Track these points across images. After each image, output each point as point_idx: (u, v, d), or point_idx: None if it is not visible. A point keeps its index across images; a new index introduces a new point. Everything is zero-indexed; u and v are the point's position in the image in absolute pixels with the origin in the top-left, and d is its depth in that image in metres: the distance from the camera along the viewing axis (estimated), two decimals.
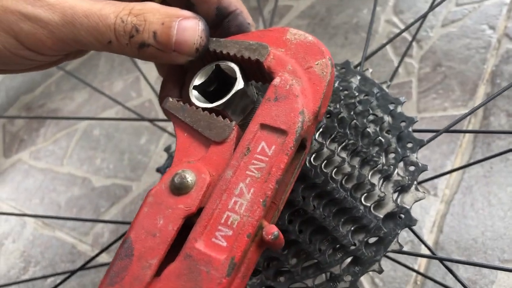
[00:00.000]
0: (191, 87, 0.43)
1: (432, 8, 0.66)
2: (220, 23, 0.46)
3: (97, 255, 0.68)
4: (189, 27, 0.39)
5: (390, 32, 0.93)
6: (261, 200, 0.36)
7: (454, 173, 0.75)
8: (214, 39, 0.44)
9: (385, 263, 0.70)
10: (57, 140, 1.07)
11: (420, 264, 0.69)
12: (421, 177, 0.70)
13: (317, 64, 0.41)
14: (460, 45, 0.87)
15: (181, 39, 0.39)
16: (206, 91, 0.44)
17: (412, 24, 0.67)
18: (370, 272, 0.70)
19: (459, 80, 0.83)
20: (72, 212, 0.93)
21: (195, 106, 0.42)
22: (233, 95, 0.41)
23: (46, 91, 1.16)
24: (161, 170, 0.64)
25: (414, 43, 0.90)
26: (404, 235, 0.71)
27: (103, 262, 0.82)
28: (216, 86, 0.44)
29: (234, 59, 0.43)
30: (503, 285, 0.64)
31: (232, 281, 0.34)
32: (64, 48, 0.39)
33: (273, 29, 0.44)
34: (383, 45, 0.64)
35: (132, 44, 0.39)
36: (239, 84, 0.41)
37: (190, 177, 0.38)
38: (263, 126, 0.38)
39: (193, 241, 0.35)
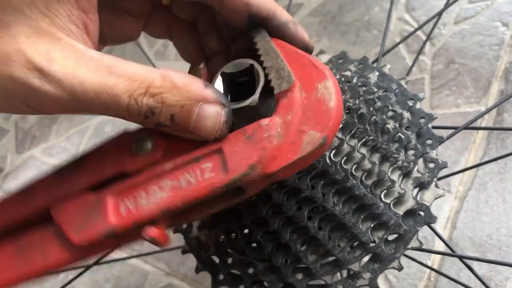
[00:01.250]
0: (218, 73, 0.43)
1: (447, 5, 0.65)
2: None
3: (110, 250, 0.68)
4: (211, 116, 0.37)
5: (402, 30, 0.93)
6: (164, 208, 0.37)
7: (468, 170, 0.75)
8: (263, 31, 0.43)
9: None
10: (69, 137, 1.07)
11: (434, 260, 0.69)
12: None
13: (310, 134, 0.37)
14: (473, 42, 0.87)
15: (200, 126, 0.37)
16: (228, 84, 0.44)
17: (426, 22, 0.67)
18: None
19: (472, 77, 0.83)
20: None
21: None
22: (243, 106, 0.40)
23: None
24: None
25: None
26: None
27: (116, 258, 0.82)
28: (233, 88, 0.44)
29: (260, 67, 0.42)
30: None
31: (105, 242, 0.38)
32: (74, 112, 0.37)
33: (320, 67, 0.40)
34: (398, 43, 0.64)
35: (147, 123, 0.36)
36: (262, 77, 0.41)
37: (148, 146, 0.40)
38: (220, 151, 0.38)
39: (109, 193, 0.39)
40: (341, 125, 0.48)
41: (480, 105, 0.80)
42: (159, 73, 0.35)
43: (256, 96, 0.40)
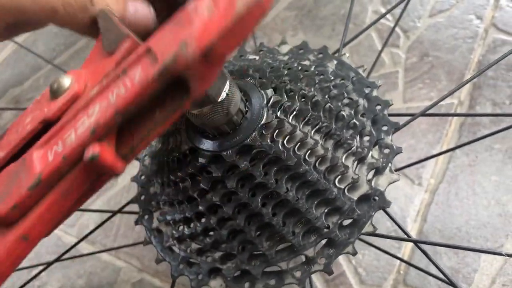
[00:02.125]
0: None
1: None
2: None
3: (75, 244, 0.67)
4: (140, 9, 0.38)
5: (377, 23, 0.93)
6: (92, 127, 0.32)
7: (439, 162, 0.74)
8: None
9: (368, 252, 0.70)
10: None
11: (404, 252, 0.69)
12: (405, 163, 0.70)
13: None
14: (448, 35, 0.86)
15: (133, 19, 0.38)
16: None
17: (396, 6, 0.66)
18: (353, 262, 0.70)
19: (446, 70, 0.83)
20: None
21: None
22: None
23: (35, 84, 1.16)
24: (139, 158, 0.64)
25: (401, 33, 0.89)
26: (388, 224, 0.71)
27: (86, 253, 0.81)
28: None
29: None
30: (486, 273, 0.64)
31: (36, 195, 0.33)
32: (4, 17, 0.36)
33: None
34: (363, 30, 0.64)
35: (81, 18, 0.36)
36: None
37: (65, 83, 0.36)
38: (149, 51, 0.33)
39: (34, 148, 0.35)
40: (294, 112, 0.48)
41: (453, 98, 0.80)
42: None
43: None
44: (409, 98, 0.82)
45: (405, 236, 0.53)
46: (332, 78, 0.52)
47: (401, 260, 0.60)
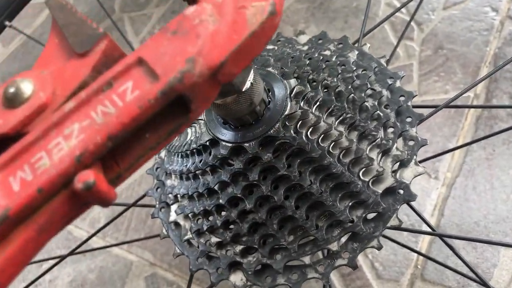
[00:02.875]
0: None
1: None
2: None
3: (88, 239, 0.66)
4: None
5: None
6: (77, 153, 0.27)
7: (456, 156, 0.73)
8: None
9: (385, 247, 0.69)
10: None
11: (421, 247, 0.68)
12: (422, 157, 0.69)
13: (253, 6, 0.30)
14: (462, 27, 0.85)
15: None
16: None
17: (409, 1, 0.65)
18: (370, 256, 0.69)
19: (461, 63, 0.82)
20: None
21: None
22: None
23: None
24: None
25: (415, 26, 0.88)
26: (405, 218, 0.70)
27: (97, 247, 0.80)
28: None
29: None
30: (506, 268, 0.63)
31: (2, 235, 0.26)
32: None
33: None
34: (381, 22, 0.63)
35: None
36: None
37: (26, 89, 0.29)
38: (141, 62, 0.29)
39: None
40: (318, 103, 0.47)
41: (469, 91, 0.78)
42: None
43: None
44: (424, 91, 0.81)
45: (429, 230, 0.52)
46: (354, 68, 0.51)
47: (421, 254, 0.59)
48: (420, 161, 0.64)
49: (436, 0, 0.90)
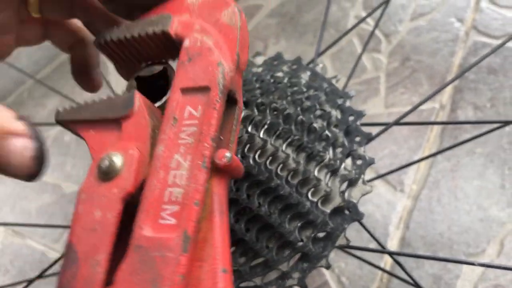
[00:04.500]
0: (133, 77, 0.42)
1: None
2: None
3: (58, 259, 0.67)
4: (17, 152, 0.32)
5: (359, 28, 0.93)
6: (199, 162, 0.32)
7: (421, 168, 0.74)
8: (114, 27, 0.42)
9: (352, 261, 0.70)
10: None
11: (386, 261, 0.68)
12: (387, 169, 0.70)
13: (223, 15, 0.39)
14: (429, 38, 0.86)
15: (6, 163, 0.31)
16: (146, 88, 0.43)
17: (376, 9, 0.66)
18: (336, 270, 0.69)
19: (427, 74, 0.83)
20: (43, 219, 0.92)
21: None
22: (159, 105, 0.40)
23: (19, 99, 1.15)
24: None
25: (382, 38, 0.89)
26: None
27: None
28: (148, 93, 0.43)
29: (139, 40, 0.41)
30: (468, 279, 0.63)
31: (192, 254, 0.30)
32: None
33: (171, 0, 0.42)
34: (341, 36, 0.64)
35: None
36: (167, 99, 0.40)
37: (116, 157, 0.33)
38: (184, 91, 0.35)
39: (139, 230, 0.31)
40: (266, 126, 0.47)
41: (434, 102, 0.79)
42: None
43: (168, 96, 0.39)
44: (391, 103, 0.82)
45: (381, 248, 0.52)
46: (305, 89, 0.52)
47: (382, 270, 0.59)
48: (385, 174, 0.65)
49: (403, 11, 0.91)
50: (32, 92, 1.15)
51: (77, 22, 0.48)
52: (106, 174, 0.33)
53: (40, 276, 0.67)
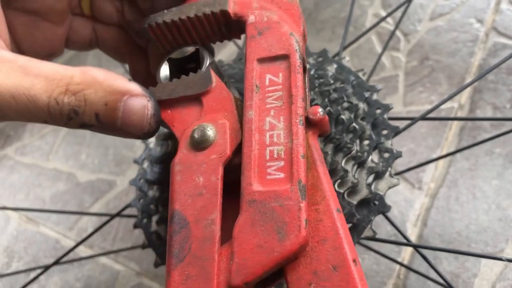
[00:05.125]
0: (165, 58, 0.43)
1: None
2: None
3: (75, 246, 0.67)
4: (137, 111, 0.35)
5: (377, 26, 0.93)
6: (297, 120, 0.35)
7: (439, 167, 0.74)
8: (165, 11, 0.43)
9: (368, 256, 0.70)
10: (43, 136, 1.06)
11: (404, 257, 0.68)
12: (405, 166, 0.70)
13: None
14: (448, 38, 0.86)
15: (128, 122, 0.35)
16: (177, 71, 0.43)
17: (396, 8, 0.66)
18: None
19: (446, 74, 0.83)
20: (56, 207, 0.93)
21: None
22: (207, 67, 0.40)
23: None
24: (138, 161, 0.63)
25: (401, 37, 0.89)
26: (388, 228, 0.71)
27: (84, 256, 0.81)
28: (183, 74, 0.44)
29: (195, 21, 0.42)
30: (486, 278, 0.63)
31: (307, 202, 0.33)
32: None
33: None
34: (363, 34, 0.64)
35: (71, 124, 0.33)
36: (207, 59, 0.41)
37: (208, 127, 0.37)
38: (261, 60, 0.38)
39: (249, 187, 0.33)
40: None
41: (453, 102, 0.79)
42: (79, 70, 0.33)
43: (204, 69, 0.40)
44: (410, 101, 0.82)
45: (405, 241, 0.52)
46: (332, 81, 0.52)
47: (401, 264, 0.59)
48: (404, 171, 0.65)
49: (423, 11, 0.91)
50: None
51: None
52: (200, 143, 0.36)
53: (56, 262, 0.67)
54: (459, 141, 0.76)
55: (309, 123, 0.36)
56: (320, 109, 0.35)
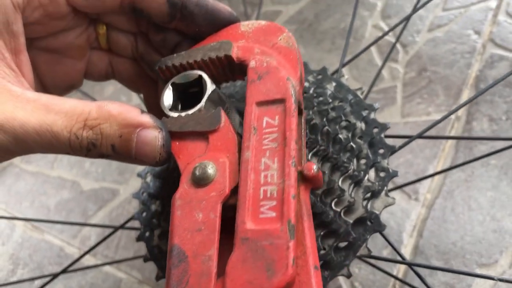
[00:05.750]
0: (163, 106, 0.44)
1: (415, 10, 0.66)
2: (182, 16, 0.45)
3: (79, 258, 0.68)
4: (149, 141, 0.38)
5: (377, 37, 0.94)
6: (289, 162, 0.37)
7: (436, 178, 0.75)
8: (175, 54, 0.46)
9: (365, 266, 0.71)
10: None
11: (399, 268, 0.70)
12: (403, 180, 0.71)
13: (280, 39, 0.44)
14: (446, 50, 0.88)
15: (141, 153, 0.38)
16: (177, 106, 0.45)
17: (396, 26, 0.67)
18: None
19: (443, 85, 0.84)
20: (61, 215, 0.94)
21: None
22: (208, 97, 0.42)
23: None
24: (141, 175, 0.65)
25: (400, 48, 0.91)
26: (384, 240, 0.72)
27: (88, 265, 0.82)
28: (184, 99, 0.46)
29: (201, 65, 0.44)
30: None
31: (296, 240, 0.35)
32: (20, 155, 0.37)
33: (226, 28, 0.47)
34: (361, 51, 0.65)
35: (90, 155, 0.37)
36: (210, 87, 0.42)
37: (209, 165, 0.38)
38: (260, 104, 0.40)
39: (242, 225, 0.35)
40: None
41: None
42: (95, 105, 0.36)
43: (208, 82, 0.43)
44: (407, 113, 0.83)
45: (400, 258, 0.54)
46: (331, 100, 0.53)
47: (395, 278, 0.61)
48: (402, 186, 0.66)
49: (421, 22, 0.92)
50: None
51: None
52: (201, 180, 0.38)
53: (64, 271, 0.68)
54: (455, 152, 0.77)
55: (303, 178, 0.38)
56: (315, 166, 0.37)
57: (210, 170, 0.38)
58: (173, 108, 0.44)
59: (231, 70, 0.45)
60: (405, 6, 0.97)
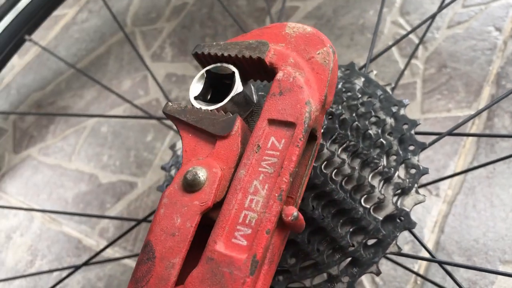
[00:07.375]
0: (190, 92, 0.44)
1: (441, 9, 0.66)
2: None
3: (101, 250, 0.69)
4: None
5: (396, 33, 0.94)
6: (276, 194, 0.36)
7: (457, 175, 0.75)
8: (214, 43, 0.46)
9: (385, 262, 0.71)
10: (66, 137, 1.08)
11: (421, 265, 0.70)
12: (424, 178, 0.71)
13: (318, 53, 0.42)
14: (466, 46, 0.87)
15: None
16: (205, 94, 0.45)
17: (420, 25, 0.67)
18: None
19: (464, 82, 0.83)
20: (78, 207, 0.95)
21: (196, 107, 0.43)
22: (232, 97, 0.42)
23: (56, 89, 1.17)
24: (166, 168, 0.65)
25: (420, 45, 0.90)
26: (405, 234, 0.72)
27: (108, 257, 0.83)
28: (215, 88, 0.46)
29: (235, 60, 0.44)
30: (503, 286, 0.65)
31: (257, 278, 0.35)
32: None
33: (272, 26, 0.46)
34: (389, 47, 0.65)
35: None
36: (238, 88, 0.42)
37: (201, 173, 0.38)
38: (271, 122, 0.39)
39: (213, 244, 0.36)
40: (322, 131, 0.49)
41: (471, 110, 0.80)
42: None
43: (238, 83, 0.43)
44: (427, 109, 0.83)
45: (429, 256, 0.54)
46: (360, 95, 0.53)
47: (417, 274, 0.61)
48: (425, 184, 0.66)
49: (441, 19, 0.92)
50: (70, 83, 1.17)
51: None
52: (190, 186, 0.38)
53: (86, 263, 0.69)
54: (477, 149, 0.77)
55: (281, 222, 0.37)
56: (295, 212, 0.36)
57: (201, 178, 0.38)
58: (201, 95, 0.45)
59: (263, 72, 0.45)
60: (424, 2, 0.97)
